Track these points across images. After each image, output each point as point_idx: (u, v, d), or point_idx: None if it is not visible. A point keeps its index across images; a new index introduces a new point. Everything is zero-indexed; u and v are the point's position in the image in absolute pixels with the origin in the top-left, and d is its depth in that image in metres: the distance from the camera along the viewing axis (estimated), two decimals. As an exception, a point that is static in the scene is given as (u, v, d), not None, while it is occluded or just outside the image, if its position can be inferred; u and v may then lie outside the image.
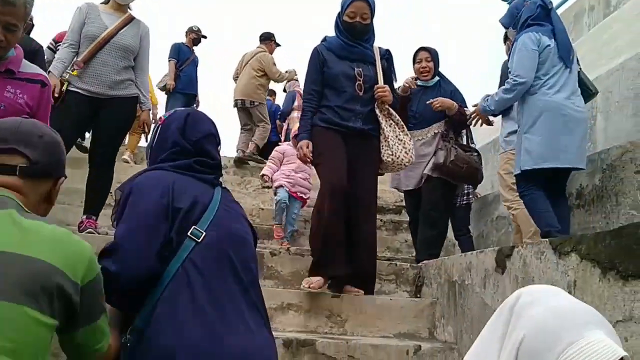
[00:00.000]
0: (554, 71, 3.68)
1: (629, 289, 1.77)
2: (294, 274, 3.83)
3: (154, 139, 2.01)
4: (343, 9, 3.57)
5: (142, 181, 1.82)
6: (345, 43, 3.60)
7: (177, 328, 1.61)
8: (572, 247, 2.09)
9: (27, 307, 1.28)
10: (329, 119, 3.55)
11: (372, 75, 3.60)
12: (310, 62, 3.67)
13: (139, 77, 4.31)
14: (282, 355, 2.97)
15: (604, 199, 3.75)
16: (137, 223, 1.71)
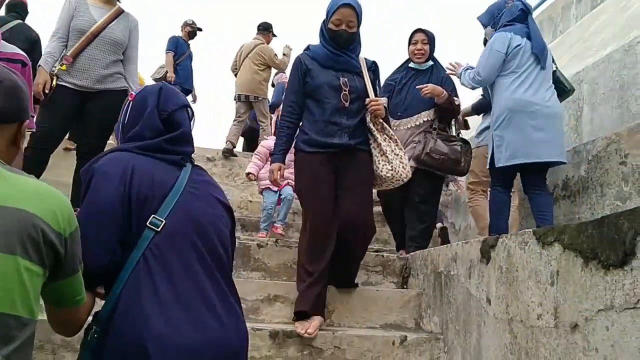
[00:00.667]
0: (523, 69, 3.84)
1: (609, 278, 1.78)
2: (280, 266, 3.83)
3: (126, 116, 1.95)
4: (328, 16, 3.32)
5: (102, 165, 1.76)
6: (330, 52, 3.34)
7: (141, 320, 1.59)
8: (555, 237, 2.10)
9: (19, 257, 1.32)
10: (311, 140, 3.25)
11: (358, 86, 3.34)
12: (291, 72, 3.44)
13: (128, 69, 4.29)
14: (269, 347, 2.98)
15: (589, 189, 3.77)
16: (94, 211, 1.69)
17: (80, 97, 4.09)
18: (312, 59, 3.36)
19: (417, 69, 4.63)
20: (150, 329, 1.58)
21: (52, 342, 2.83)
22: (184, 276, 1.68)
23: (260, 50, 7.89)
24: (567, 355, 1.98)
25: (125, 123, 1.95)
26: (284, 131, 3.33)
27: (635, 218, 1.69)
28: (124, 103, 2.02)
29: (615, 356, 1.74)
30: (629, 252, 1.70)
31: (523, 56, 3.85)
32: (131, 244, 1.68)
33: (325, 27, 3.35)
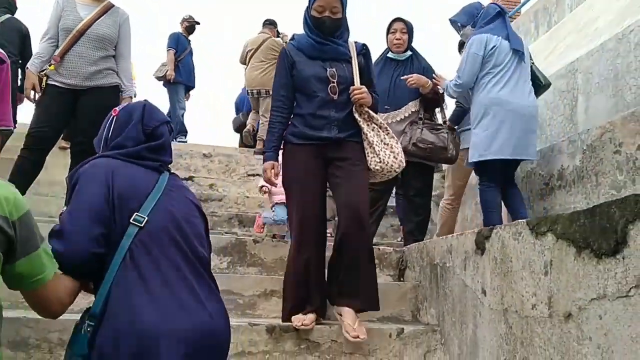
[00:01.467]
0: (500, 68, 3.99)
1: (602, 267, 1.78)
2: (276, 261, 3.83)
3: (109, 130, 2.06)
4: (310, 3, 3.15)
5: (87, 169, 1.89)
6: (315, 41, 3.16)
7: (132, 311, 1.69)
8: (548, 227, 2.10)
9: None
10: (300, 133, 3.12)
11: (348, 75, 3.15)
12: (278, 65, 3.27)
13: (121, 64, 4.27)
14: (266, 342, 2.98)
15: (584, 179, 3.77)
16: (80, 207, 1.81)
17: (72, 95, 4.09)
18: (297, 50, 3.21)
19: (396, 59, 4.59)
20: (142, 319, 1.69)
21: (48, 341, 2.83)
22: (169, 268, 1.80)
23: (272, 45, 7.81)
24: (562, 345, 1.99)
25: (108, 136, 2.06)
26: (275, 127, 3.17)
27: (626, 206, 1.69)
28: (107, 118, 2.12)
29: (609, 345, 1.74)
30: (620, 240, 1.70)
31: (499, 55, 4.00)
32: (116, 242, 1.78)
33: (308, 15, 3.17)
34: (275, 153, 3.18)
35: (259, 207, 6.04)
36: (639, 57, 4.11)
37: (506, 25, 4.15)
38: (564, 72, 4.91)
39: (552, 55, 5.93)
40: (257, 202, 6.12)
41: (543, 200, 4.28)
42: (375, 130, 3.16)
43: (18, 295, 3.23)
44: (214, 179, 6.85)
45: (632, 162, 3.34)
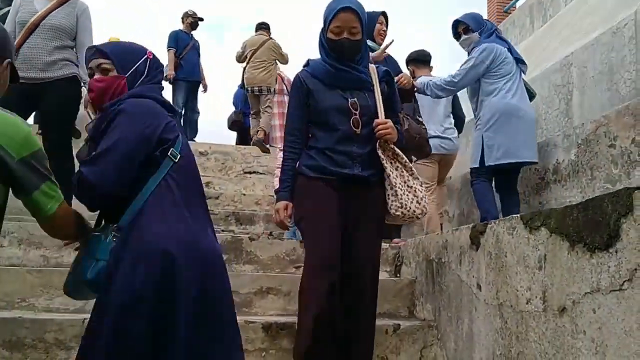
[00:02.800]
0: (509, 77, 4.20)
1: (595, 261, 1.78)
2: (272, 259, 3.83)
3: (143, 68, 2.12)
4: (326, 25, 2.75)
5: (134, 106, 2.00)
6: (333, 67, 2.78)
7: (165, 224, 1.92)
8: (542, 222, 2.10)
9: None
10: (317, 166, 2.74)
11: (372, 105, 2.78)
12: (292, 94, 2.91)
13: (82, 54, 4.08)
14: (262, 339, 2.99)
15: (579, 173, 3.78)
16: (123, 140, 1.92)
17: (30, 90, 3.92)
18: (313, 78, 2.81)
19: (373, 49, 4.50)
20: (175, 235, 1.91)
21: (44, 341, 2.83)
22: (193, 198, 2.06)
23: (273, 47, 8.21)
24: (556, 339, 1.99)
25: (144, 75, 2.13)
26: (288, 164, 2.81)
27: (618, 200, 1.69)
28: (141, 51, 2.17)
29: (603, 338, 1.74)
30: (613, 234, 1.70)
31: (507, 66, 4.22)
32: (151, 172, 1.98)
33: (324, 38, 2.79)
34: (288, 192, 2.80)
35: (255, 205, 6.04)
36: (633, 50, 4.11)
37: (505, 40, 4.46)
38: (559, 66, 4.91)
39: (547, 49, 5.93)
40: (254, 200, 6.12)
41: (539, 194, 4.28)
42: (399, 170, 2.81)
43: (14, 295, 3.25)
44: (211, 177, 6.85)
45: (627, 155, 3.34)
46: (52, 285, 3.29)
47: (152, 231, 1.90)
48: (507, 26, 8.48)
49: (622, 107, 3.49)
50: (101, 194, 1.91)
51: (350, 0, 2.71)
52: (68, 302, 3.30)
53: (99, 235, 1.96)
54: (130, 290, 1.84)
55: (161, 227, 1.91)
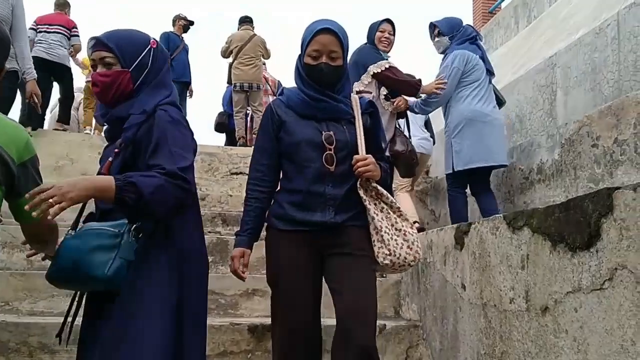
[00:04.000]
0: (477, 84, 4.35)
1: (576, 261, 1.80)
2: (259, 260, 3.82)
3: (147, 58, 2.05)
4: (303, 48, 2.39)
5: (177, 115, 2.02)
6: (308, 95, 2.39)
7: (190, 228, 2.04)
8: (525, 222, 2.12)
9: None
10: (286, 215, 2.35)
11: (349, 140, 2.37)
12: (261, 124, 2.51)
13: (19, 46, 4.08)
14: (248, 341, 2.98)
15: (563, 173, 3.81)
16: (191, 150, 1.99)
17: None
18: (287, 107, 2.44)
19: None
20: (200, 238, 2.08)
21: (28, 345, 2.81)
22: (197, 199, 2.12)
23: (260, 42, 8.21)
24: (539, 338, 2.00)
25: (150, 65, 2.06)
26: (251, 205, 2.42)
27: (599, 200, 1.70)
28: (143, 42, 2.09)
29: (584, 337, 1.76)
30: (594, 233, 1.72)
31: (477, 72, 4.37)
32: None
33: (300, 64, 2.43)
34: (248, 237, 2.41)
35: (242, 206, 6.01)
36: (615, 51, 4.15)
37: (480, 48, 4.57)
38: (543, 66, 4.94)
39: (532, 50, 5.97)
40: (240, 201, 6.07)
41: (523, 194, 4.31)
42: (385, 212, 2.39)
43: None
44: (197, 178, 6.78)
45: (609, 155, 3.37)
46: (36, 289, 3.27)
47: (184, 235, 1.99)
48: (492, 27, 8.53)
49: (604, 107, 3.52)
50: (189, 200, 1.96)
51: (331, 22, 2.37)
52: (52, 306, 3.28)
53: (116, 231, 1.87)
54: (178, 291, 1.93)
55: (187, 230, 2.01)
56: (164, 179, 1.79)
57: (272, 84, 9.11)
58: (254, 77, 8.13)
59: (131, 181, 1.75)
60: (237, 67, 8.16)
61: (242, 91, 8.22)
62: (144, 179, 1.77)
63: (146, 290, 1.87)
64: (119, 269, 1.83)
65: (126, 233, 1.87)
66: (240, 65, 8.12)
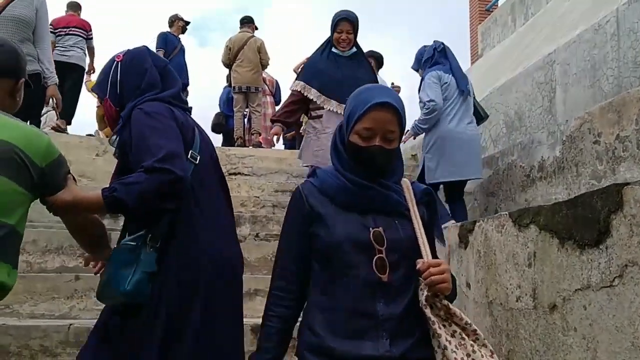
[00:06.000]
0: (449, 102, 4.52)
1: (585, 258, 1.79)
2: (260, 260, 3.81)
3: (115, 76, 2.11)
4: (351, 123, 1.78)
5: (154, 108, 2.00)
6: (352, 182, 1.80)
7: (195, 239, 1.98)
8: (531, 219, 2.11)
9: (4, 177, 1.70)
10: (322, 347, 1.70)
11: (403, 238, 1.76)
12: (288, 214, 1.89)
13: (41, 49, 4.06)
14: (250, 342, 2.95)
15: (564, 170, 3.80)
16: (174, 137, 1.94)
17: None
18: (321, 194, 1.84)
19: (343, 55, 4.63)
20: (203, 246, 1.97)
21: (29, 348, 2.78)
22: (218, 203, 2.08)
23: (260, 45, 8.21)
24: (547, 336, 1.99)
25: (116, 80, 2.11)
26: (272, 325, 1.79)
27: (608, 196, 1.69)
28: (110, 63, 2.16)
29: (594, 335, 1.75)
30: (603, 230, 1.70)
31: (449, 90, 4.54)
32: None
33: (342, 139, 1.85)
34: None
35: (241, 206, 6.00)
36: (615, 47, 4.15)
37: (450, 63, 4.70)
38: (542, 64, 4.94)
39: (530, 47, 5.97)
40: (239, 201, 6.07)
41: (524, 191, 4.30)
42: (458, 337, 1.74)
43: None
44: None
45: (611, 151, 3.36)
46: (36, 291, 3.25)
47: (185, 246, 1.95)
48: (489, 24, 8.53)
49: (605, 104, 3.51)
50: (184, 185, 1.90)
51: (387, 92, 1.84)
52: (53, 308, 3.26)
53: (134, 245, 1.92)
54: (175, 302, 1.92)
55: (191, 242, 1.96)
56: (144, 179, 1.81)
57: (270, 84, 9.10)
58: (252, 80, 8.16)
59: (114, 196, 1.82)
60: (235, 70, 8.18)
61: (241, 92, 8.24)
62: (127, 189, 1.82)
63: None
64: (138, 283, 1.88)
65: (143, 245, 1.92)
66: (239, 68, 8.13)
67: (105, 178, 2.64)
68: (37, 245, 3.62)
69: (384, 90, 1.88)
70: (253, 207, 5.92)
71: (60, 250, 3.63)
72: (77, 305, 3.27)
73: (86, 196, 1.91)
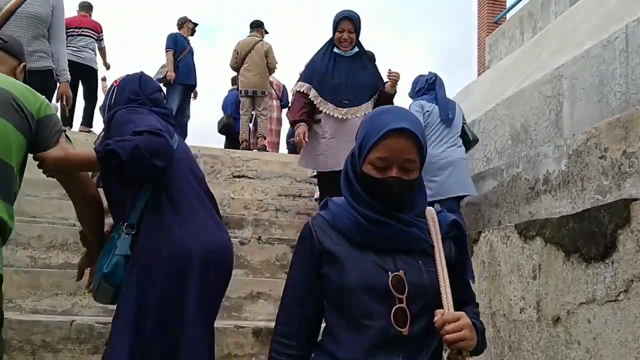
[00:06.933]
0: (431, 129, 4.78)
1: (591, 272, 1.79)
2: (263, 263, 3.82)
3: (111, 99, 2.35)
4: (364, 151, 1.54)
5: (135, 108, 2.20)
6: (367, 218, 1.54)
7: (166, 230, 2.07)
8: (537, 231, 2.11)
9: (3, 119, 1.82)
10: None
11: (427, 283, 1.51)
12: (296, 254, 1.65)
13: (55, 47, 4.08)
14: (252, 344, 2.97)
15: (569, 184, 3.80)
16: (157, 123, 2.11)
17: None
18: (333, 230, 1.59)
19: (345, 55, 4.61)
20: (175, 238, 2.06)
21: (31, 343, 2.79)
22: (193, 195, 2.17)
23: (268, 49, 8.27)
24: (550, 349, 1.99)
25: (111, 103, 2.34)
26: None
27: (615, 211, 1.70)
28: (110, 88, 2.40)
29: (598, 349, 1.75)
30: (609, 245, 1.71)
31: (431, 118, 4.83)
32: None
33: (354, 169, 1.60)
34: None
35: (244, 209, 6.01)
36: (623, 63, 4.16)
37: (437, 93, 5.03)
38: (550, 77, 4.95)
39: (538, 60, 5.98)
40: (243, 204, 6.09)
41: (529, 204, 4.30)
42: None
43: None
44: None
45: (617, 167, 3.36)
46: (40, 287, 3.26)
47: (156, 237, 2.06)
48: (497, 37, 8.55)
49: (613, 119, 3.52)
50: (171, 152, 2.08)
51: (406, 117, 1.56)
52: (55, 304, 3.26)
53: (113, 234, 2.11)
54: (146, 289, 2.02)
55: (161, 232, 2.07)
56: (137, 137, 1.97)
57: (277, 88, 9.12)
58: (259, 84, 8.23)
59: (108, 149, 1.93)
60: (242, 74, 8.24)
61: (248, 96, 8.30)
62: (120, 143, 1.95)
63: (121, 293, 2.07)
64: (116, 265, 2.05)
65: (120, 231, 2.09)
66: (246, 72, 8.20)
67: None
68: (42, 241, 3.63)
69: (400, 113, 1.59)
70: (256, 210, 5.93)
71: (65, 246, 3.64)
72: (79, 302, 3.28)
73: (78, 152, 2.03)
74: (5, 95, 1.88)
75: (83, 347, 2.83)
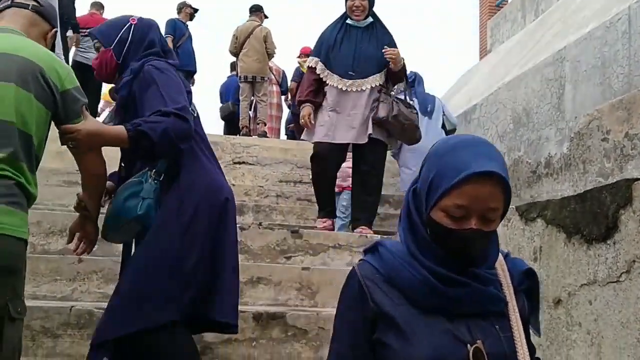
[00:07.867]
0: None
1: (592, 253, 1.78)
2: (263, 248, 3.80)
3: (127, 34, 2.33)
4: (435, 195, 1.24)
5: (163, 65, 2.24)
6: (439, 277, 1.26)
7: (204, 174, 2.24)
8: (538, 213, 2.10)
9: (22, 89, 1.83)
10: None
11: (507, 352, 1.25)
12: (343, 313, 1.35)
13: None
14: (253, 329, 2.96)
15: (571, 167, 3.77)
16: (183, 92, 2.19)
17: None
18: (389, 286, 1.30)
19: (357, 26, 4.43)
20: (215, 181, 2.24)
21: (31, 329, 2.78)
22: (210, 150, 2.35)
23: (267, 34, 8.23)
24: (551, 331, 1.98)
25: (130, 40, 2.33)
26: None
27: (617, 192, 1.68)
28: (122, 21, 2.38)
29: (599, 330, 1.74)
30: (611, 225, 1.69)
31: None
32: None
33: (419, 213, 1.31)
34: None
35: (245, 195, 6.00)
36: (626, 45, 4.11)
37: (416, 90, 5.40)
38: (552, 60, 4.91)
39: (540, 43, 5.93)
40: (243, 190, 6.07)
41: (530, 187, 4.29)
42: None
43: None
44: (200, 167, 6.79)
45: (619, 149, 3.34)
46: (39, 273, 3.25)
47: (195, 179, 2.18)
48: (499, 20, 8.48)
49: (615, 101, 3.48)
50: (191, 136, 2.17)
51: (491, 155, 1.25)
52: (55, 290, 3.26)
53: (140, 179, 2.16)
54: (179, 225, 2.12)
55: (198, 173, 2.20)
56: (166, 120, 2.04)
57: (277, 74, 9.08)
58: (258, 70, 8.20)
59: (139, 130, 2.01)
60: (242, 59, 8.21)
61: (247, 82, 8.28)
62: (151, 125, 2.02)
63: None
64: (148, 208, 2.12)
65: (148, 178, 2.16)
66: (245, 58, 8.17)
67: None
68: (41, 227, 3.61)
69: (483, 150, 1.26)
70: (257, 196, 5.91)
71: (64, 232, 3.62)
72: (79, 287, 3.27)
73: (110, 129, 2.10)
74: (33, 67, 1.88)
75: (83, 333, 2.82)
